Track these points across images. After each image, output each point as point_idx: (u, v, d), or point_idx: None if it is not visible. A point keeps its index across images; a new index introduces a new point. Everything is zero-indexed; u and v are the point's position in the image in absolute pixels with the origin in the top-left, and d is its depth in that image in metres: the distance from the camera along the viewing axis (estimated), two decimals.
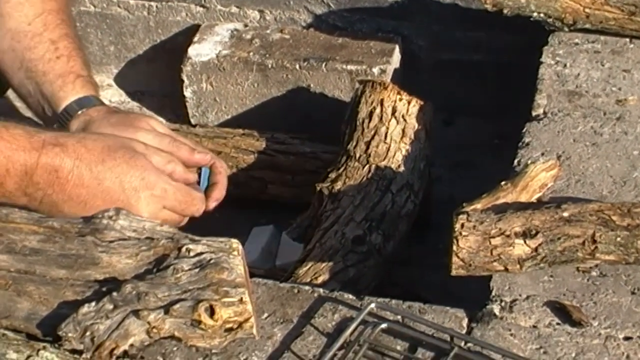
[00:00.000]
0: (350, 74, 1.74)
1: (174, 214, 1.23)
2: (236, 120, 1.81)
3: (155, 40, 1.95)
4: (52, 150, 1.15)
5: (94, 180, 1.16)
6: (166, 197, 1.21)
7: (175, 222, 1.23)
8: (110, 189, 1.16)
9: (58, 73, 1.34)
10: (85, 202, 1.15)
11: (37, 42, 1.35)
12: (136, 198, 1.18)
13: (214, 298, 0.97)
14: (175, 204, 1.22)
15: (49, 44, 1.35)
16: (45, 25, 1.36)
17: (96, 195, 1.16)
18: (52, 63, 1.34)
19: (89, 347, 0.97)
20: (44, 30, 1.36)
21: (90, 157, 1.16)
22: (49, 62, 1.34)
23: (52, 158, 1.15)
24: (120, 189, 1.16)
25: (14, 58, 1.35)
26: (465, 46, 1.83)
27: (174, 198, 1.22)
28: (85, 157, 1.16)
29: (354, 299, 1.12)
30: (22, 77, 1.35)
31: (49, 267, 1.01)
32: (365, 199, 1.41)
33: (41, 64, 1.34)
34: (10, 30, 1.35)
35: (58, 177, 1.15)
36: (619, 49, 1.54)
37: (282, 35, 1.83)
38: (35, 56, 1.34)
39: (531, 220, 1.12)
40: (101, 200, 1.16)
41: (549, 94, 1.45)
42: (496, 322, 1.09)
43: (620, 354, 1.05)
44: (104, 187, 1.16)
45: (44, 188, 1.15)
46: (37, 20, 1.36)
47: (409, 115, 1.50)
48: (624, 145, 1.35)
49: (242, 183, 1.68)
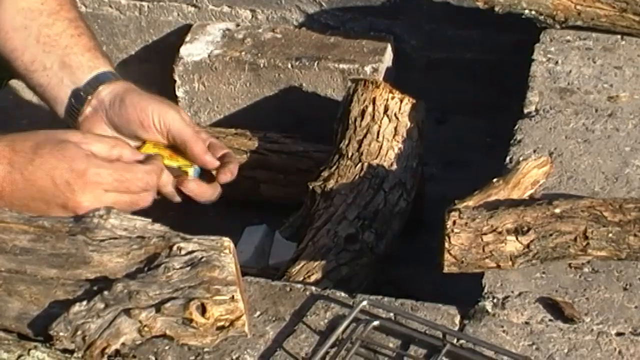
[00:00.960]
0: (342, 72, 1.74)
1: (121, 195, 1.19)
2: (228, 119, 1.81)
3: (147, 41, 1.94)
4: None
5: (26, 182, 1.14)
6: (101, 180, 1.16)
7: (128, 203, 1.19)
8: (44, 187, 1.14)
9: (85, 47, 1.33)
10: (27, 206, 1.13)
11: (55, 20, 1.34)
12: (70, 190, 1.14)
13: (206, 296, 0.97)
14: (116, 184, 1.17)
15: (68, 22, 1.34)
16: (60, 5, 1.35)
17: (34, 197, 1.14)
18: (75, 39, 1.33)
19: (81, 347, 0.97)
20: (60, 9, 1.35)
21: (20, 160, 1.14)
22: (71, 37, 1.33)
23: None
24: (54, 186, 1.13)
25: (26, 35, 1.33)
26: (457, 44, 1.83)
27: (112, 179, 1.17)
28: (16, 161, 1.13)
29: (346, 297, 1.12)
30: (37, 52, 1.33)
31: (40, 266, 1.01)
32: (357, 197, 1.41)
33: (63, 39, 1.33)
34: (22, 9, 1.34)
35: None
36: (610, 45, 1.54)
37: (274, 34, 1.83)
38: (54, 32, 1.33)
39: (523, 217, 1.12)
40: (40, 201, 1.14)
41: (540, 91, 1.45)
42: (488, 318, 1.09)
43: (613, 349, 1.05)
44: (38, 187, 1.14)
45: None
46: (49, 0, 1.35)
47: (401, 113, 1.50)
48: (615, 141, 1.35)
49: (235, 183, 1.67)
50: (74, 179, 1.15)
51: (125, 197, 1.19)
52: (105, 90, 1.29)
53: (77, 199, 1.15)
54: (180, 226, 1.33)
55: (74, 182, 1.15)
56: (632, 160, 1.31)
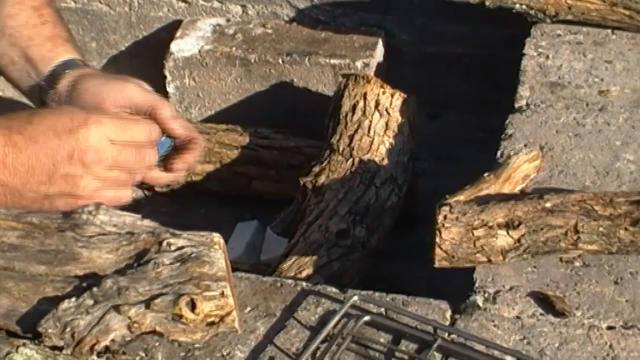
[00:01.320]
0: (333, 68, 1.73)
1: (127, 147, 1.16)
2: (219, 115, 1.80)
3: (137, 36, 1.94)
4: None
5: (28, 141, 1.09)
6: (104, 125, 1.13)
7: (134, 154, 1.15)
8: (47, 142, 1.10)
9: (46, 37, 1.32)
10: (32, 168, 1.09)
11: (19, 10, 1.33)
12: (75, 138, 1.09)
13: (195, 292, 0.97)
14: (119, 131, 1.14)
15: (32, 11, 1.33)
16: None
17: (38, 154, 1.10)
18: (37, 28, 1.32)
19: (70, 343, 0.96)
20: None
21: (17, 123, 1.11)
22: (34, 27, 1.32)
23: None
24: (57, 137, 1.06)
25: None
26: (448, 39, 1.82)
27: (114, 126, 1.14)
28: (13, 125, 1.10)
29: (337, 292, 1.12)
30: (4, 45, 1.32)
31: (29, 263, 1.00)
32: (349, 192, 1.41)
33: (26, 30, 1.32)
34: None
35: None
36: (601, 40, 1.54)
37: (265, 29, 1.83)
38: (18, 23, 1.32)
39: (514, 211, 1.11)
40: (45, 157, 1.10)
41: (531, 85, 1.45)
42: (479, 313, 1.09)
43: (604, 343, 1.05)
44: (41, 144, 1.10)
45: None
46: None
47: (392, 108, 1.50)
48: (606, 135, 1.35)
49: (226, 178, 1.68)
50: (76, 127, 1.11)
51: (130, 150, 1.15)
52: (63, 82, 1.28)
53: (82, 146, 1.11)
54: (172, 222, 1.32)
55: (76, 129, 1.11)
56: (622, 154, 1.31)
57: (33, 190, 1.09)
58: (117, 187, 1.15)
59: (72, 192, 1.11)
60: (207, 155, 1.68)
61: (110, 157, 1.12)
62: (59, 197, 1.11)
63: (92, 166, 1.11)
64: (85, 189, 1.11)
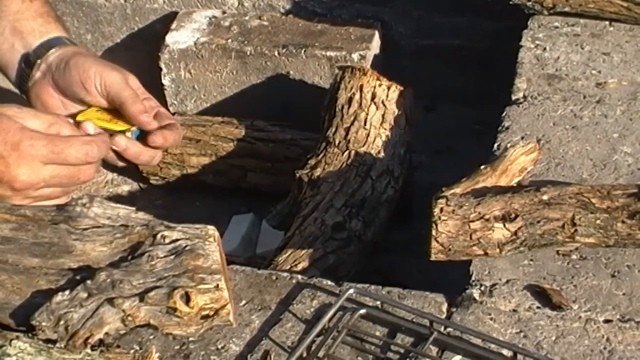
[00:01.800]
0: (329, 60, 1.73)
1: (60, 168, 1.14)
2: (215, 108, 1.80)
3: (133, 28, 1.93)
4: None
5: None
6: (36, 152, 1.11)
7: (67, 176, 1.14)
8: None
9: (37, 12, 1.30)
10: None
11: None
12: (5, 164, 1.08)
13: (190, 285, 0.96)
14: (52, 155, 1.12)
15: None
16: None
17: None
18: (27, 4, 1.31)
19: (63, 336, 0.95)
20: None
21: None
22: (22, 2, 1.30)
23: None
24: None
25: None
26: (445, 32, 1.82)
27: (47, 150, 1.12)
28: None
29: (333, 285, 1.11)
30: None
31: (22, 255, 0.99)
32: (344, 185, 1.40)
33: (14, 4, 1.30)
34: None
35: None
36: (598, 32, 1.53)
37: (261, 21, 1.82)
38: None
39: (511, 204, 1.11)
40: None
41: (528, 77, 1.45)
42: (476, 306, 1.09)
43: (600, 337, 1.05)
44: None
45: None
46: None
47: (388, 100, 1.49)
48: (603, 128, 1.34)
49: (222, 171, 1.67)
50: (8, 152, 1.10)
51: (64, 170, 1.14)
52: (54, 54, 1.27)
53: (12, 172, 1.10)
54: (166, 215, 1.32)
55: (7, 155, 1.10)
56: (620, 146, 1.31)
57: None
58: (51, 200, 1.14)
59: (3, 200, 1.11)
60: (202, 147, 1.68)
61: (42, 180, 1.11)
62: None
63: (22, 190, 1.12)
64: (17, 202, 1.11)
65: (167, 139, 1.22)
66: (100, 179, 1.81)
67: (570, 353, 1.03)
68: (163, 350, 1.03)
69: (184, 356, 1.03)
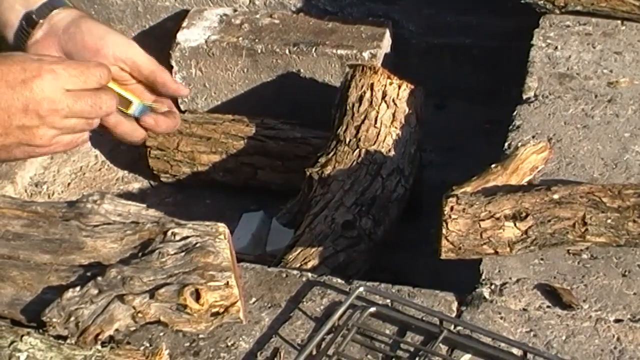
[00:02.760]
0: (340, 58, 1.73)
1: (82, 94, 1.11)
2: (226, 105, 1.80)
3: (144, 26, 1.93)
4: None
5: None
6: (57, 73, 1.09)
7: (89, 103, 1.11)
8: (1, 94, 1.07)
9: None
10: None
11: None
12: (28, 88, 1.05)
13: (200, 282, 0.96)
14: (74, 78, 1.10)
15: None
16: None
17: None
18: None
19: (74, 333, 0.96)
20: None
21: None
22: None
23: None
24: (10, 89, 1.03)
25: None
26: (456, 30, 1.82)
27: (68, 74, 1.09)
28: None
29: (343, 283, 1.11)
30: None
31: (33, 252, 1.00)
32: (355, 183, 1.40)
33: None
34: None
35: None
36: (610, 31, 1.53)
37: (272, 20, 1.82)
38: None
39: (521, 203, 1.11)
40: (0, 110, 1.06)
41: (539, 76, 1.44)
42: (486, 305, 1.08)
43: (611, 336, 1.04)
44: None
45: None
46: None
47: (399, 99, 1.49)
48: (615, 127, 1.34)
49: (232, 169, 1.67)
50: (30, 77, 1.08)
51: (86, 96, 1.11)
52: (60, 15, 1.25)
53: (37, 97, 1.08)
54: (177, 212, 1.32)
55: (30, 79, 1.08)
56: (631, 146, 1.30)
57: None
58: (75, 133, 1.13)
59: (29, 142, 1.10)
60: (213, 145, 1.68)
61: (66, 106, 1.09)
62: (17, 147, 1.09)
63: (48, 117, 1.10)
64: (43, 138, 1.10)
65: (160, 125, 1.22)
66: (110, 176, 1.81)
67: (581, 352, 1.03)
68: (173, 347, 1.03)
69: (193, 353, 1.03)
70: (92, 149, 1.85)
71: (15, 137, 1.09)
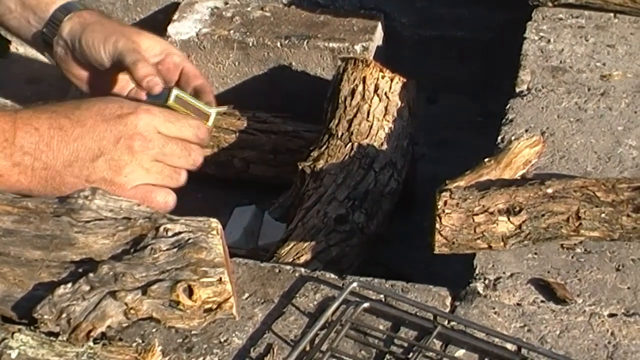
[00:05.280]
0: (332, 51, 1.72)
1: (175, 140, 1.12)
2: (217, 99, 1.78)
3: (134, 19, 1.92)
4: (26, 112, 1.10)
5: (75, 124, 1.07)
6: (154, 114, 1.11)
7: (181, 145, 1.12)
8: (95, 125, 1.07)
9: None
10: (77, 151, 1.06)
11: None
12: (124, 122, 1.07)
13: (193, 278, 0.96)
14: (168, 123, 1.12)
15: None
16: None
17: (83, 137, 1.07)
18: None
19: (66, 330, 0.95)
20: None
21: (63, 108, 1.09)
22: None
23: (28, 118, 1.08)
24: (105, 122, 1.05)
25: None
26: (448, 23, 1.81)
27: (163, 117, 1.11)
28: (59, 110, 1.07)
29: (336, 279, 1.11)
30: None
31: (24, 248, 0.99)
32: (347, 177, 1.40)
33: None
34: None
35: (40, 134, 1.06)
36: (603, 23, 1.52)
37: (263, 12, 1.81)
38: None
39: (515, 197, 1.10)
40: (91, 140, 1.07)
41: (532, 69, 1.44)
42: (480, 300, 1.08)
43: (605, 331, 1.04)
44: (88, 126, 1.08)
45: (31, 151, 1.07)
46: None
47: (391, 92, 1.48)
48: (608, 120, 1.34)
49: (224, 163, 1.66)
50: (126, 113, 1.09)
51: (178, 143, 1.12)
52: (65, 29, 1.24)
53: (131, 129, 1.08)
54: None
55: (125, 115, 1.09)
56: (624, 139, 1.30)
57: (75, 174, 1.07)
58: (161, 182, 1.12)
59: (113, 179, 1.08)
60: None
61: (157, 146, 1.09)
62: (100, 183, 1.08)
63: (138, 153, 1.09)
64: (128, 176, 1.08)
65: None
66: None
67: (575, 347, 1.03)
68: (165, 344, 1.02)
69: (186, 349, 1.02)
70: None
71: (102, 171, 1.08)
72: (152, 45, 1.26)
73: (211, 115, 1.19)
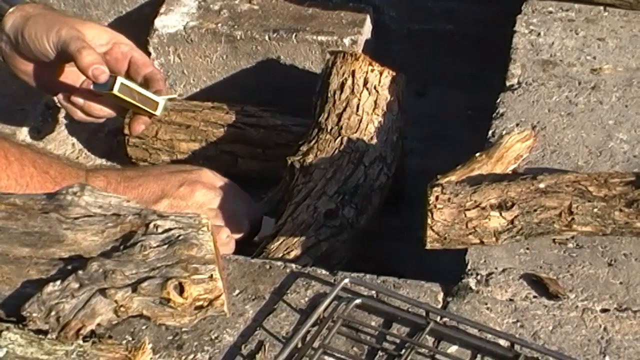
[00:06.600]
0: (320, 45, 1.71)
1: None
2: (205, 93, 1.78)
3: (121, 12, 1.90)
4: (97, 168, 1.20)
5: (142, 173, 1.19)
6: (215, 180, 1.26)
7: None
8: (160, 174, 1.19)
9: None
10: (141, 196, 1.17)
11: None
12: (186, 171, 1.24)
13: (183, 275, 0.95)
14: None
15: None
16: None
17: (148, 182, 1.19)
18: None
19: (55, 327, 0.94)
20: None
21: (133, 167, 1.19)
22: None
23: (98, 171, 1.20)
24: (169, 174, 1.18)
25: None
26: (437, 16, 1.80)
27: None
28: (129, 168, 1.18)
29: (327, 275, 1.10)
30: None
31: (12, 245, 0.98)
32: (337, 172, 1.39)
33: None
34: None
35: (108, 181, 1.17)
36: (593, 17, 1.52)
37: (251, 5, 1.80)
38: None
39: (507, 192, 1.10)
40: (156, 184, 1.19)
41: (523, 63, 1.43)
42: (472, 296, 1.08)
43: (598, 326, 1.04)
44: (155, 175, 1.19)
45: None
46: None
47: (381, 86, 1.47)
48: (599, 114, 1.33)
49: (212, 157, 1.65)
50: (190, 169, 1.23)
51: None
52: (8, 24, 1.23)
53: (194, 177, 1.21)
54: None
55: (190, 170, 1.23)
56: (615, 133, 1.30)
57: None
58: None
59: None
60: (192, 133, 1.66)
61: (216, 197, 1.20)
62: None
63: (198, 199, 1.14)
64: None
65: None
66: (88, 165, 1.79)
67: (568, 343, 1.02)
68: (156, 341, 1.01)
69: (177, 347, 1.01)
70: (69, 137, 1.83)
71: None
72: (98, 35, 1.24)
73: (159, 103, 1.20)
